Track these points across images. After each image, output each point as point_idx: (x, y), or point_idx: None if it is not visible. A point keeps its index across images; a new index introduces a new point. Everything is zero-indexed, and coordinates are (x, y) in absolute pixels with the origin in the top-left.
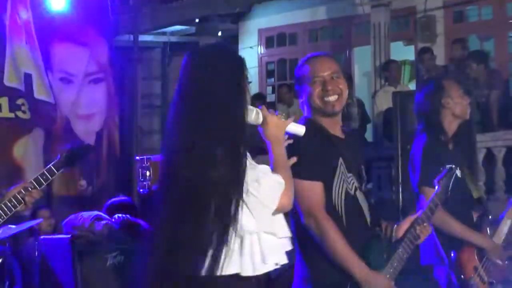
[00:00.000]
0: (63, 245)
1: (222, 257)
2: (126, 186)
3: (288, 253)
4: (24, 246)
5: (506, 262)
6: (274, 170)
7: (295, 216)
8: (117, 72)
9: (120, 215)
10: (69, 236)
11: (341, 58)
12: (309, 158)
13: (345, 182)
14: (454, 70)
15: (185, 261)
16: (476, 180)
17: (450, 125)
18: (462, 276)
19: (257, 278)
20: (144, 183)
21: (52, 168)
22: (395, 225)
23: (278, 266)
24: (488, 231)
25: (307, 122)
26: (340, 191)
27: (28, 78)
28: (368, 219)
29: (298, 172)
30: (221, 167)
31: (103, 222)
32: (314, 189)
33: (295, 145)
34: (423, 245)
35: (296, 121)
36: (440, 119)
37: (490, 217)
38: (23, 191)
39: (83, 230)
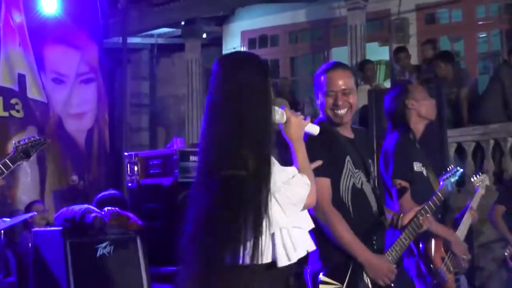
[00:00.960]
0: (55, 237)
1: (261, 246)
2: (116, 181)
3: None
4: (19, 238)
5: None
6: (300, 169)
7: None
8: (107, 72)
9: (109, 208)
10: (60, 228)
11: (320, 58)
12: (317, 158)
13: (352, 177)
14: (426, 69)
15: (226, 252)
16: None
17: (416, 125)
18: (431, 265)
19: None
20: (132, 177)
21: (7, 161)
22: (401, 214)
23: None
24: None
25: (320, 124)
26: (347, 186)
27: (21, 78)
28: (374, 209)
29: None
30: (251, 165)
31: (93, 214)
32: (321, 185)
33: (306, 146)
34: (394, 239)
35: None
36: (406, 120)
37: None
38: None
39: (74, 223)
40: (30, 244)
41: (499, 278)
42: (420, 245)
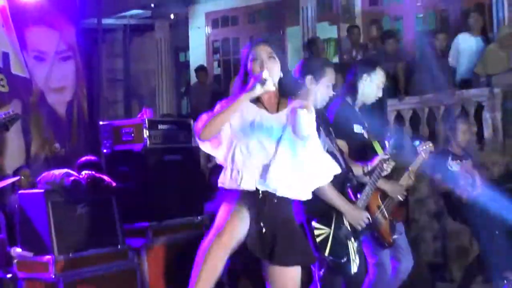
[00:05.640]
0: (38, 198)
1: None
2: (94, 147)
3: None
4: (8, 200)
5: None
6: None
7: None
8: (85, 51)
9: (87, 171)
10: (43, 190)
11: (276, 37)
12: None
13: (325, 143)
14: (371, 47)
15: None
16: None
17: (360, 99)
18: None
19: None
20: (107, 144)
21: None
22: (366, 166)
23: None
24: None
25: None
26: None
27: (5, 56)
28: (343, 166)
29: None
30: None
31: (72, 178)
32: None
33: None
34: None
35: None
36: (357, 88)
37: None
38: None
39: (54, 185)
40: (16, 205)
41: (431, 229)
42: (358, 195)
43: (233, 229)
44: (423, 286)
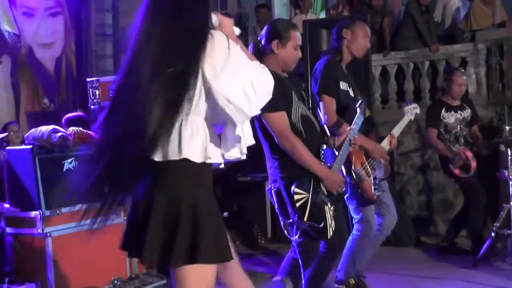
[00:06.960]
0: (25, 154)
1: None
2: (82, 103)
3: None
4: None
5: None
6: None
7: (268, 138)
8: (73, 6)
9: (74, 127)
10: (30, 146)
11: None
12: (273, 97)
13: (299, 107)
14: (358, 2)
15: (134, 145)
16: (373, 93)
17: (346, 55)
18: (351, 168)
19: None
20: (94, 100)
21: None
22: (335, 138)
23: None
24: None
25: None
26: (297, 114)
27: None
28: (318, 130)
29: (267, 108)
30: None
31: (59, 134)
32: (281, 117)
33: None
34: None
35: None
36: (340, 46)
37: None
38: None
39: (42, 141)
40: (5, 161)
41: (416, 183)
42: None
43: None
44: (408, 240)
